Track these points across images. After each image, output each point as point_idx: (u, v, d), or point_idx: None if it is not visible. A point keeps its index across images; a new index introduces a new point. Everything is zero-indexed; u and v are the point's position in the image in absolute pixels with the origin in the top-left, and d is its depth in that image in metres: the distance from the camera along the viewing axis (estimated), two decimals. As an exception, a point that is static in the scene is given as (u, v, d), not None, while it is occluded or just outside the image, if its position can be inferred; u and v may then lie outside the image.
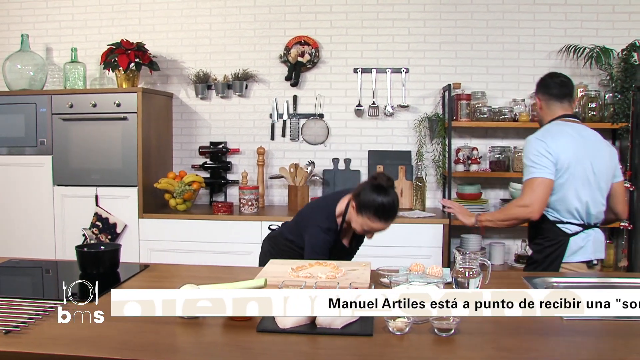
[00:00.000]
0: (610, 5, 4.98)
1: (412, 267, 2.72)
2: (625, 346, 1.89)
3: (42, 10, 5.45)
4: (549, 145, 3.02)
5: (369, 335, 1.95)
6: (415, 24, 5.12)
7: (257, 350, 1.89)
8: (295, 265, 2.69)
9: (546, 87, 3.26)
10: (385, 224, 2.94)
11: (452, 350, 1.88)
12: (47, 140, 4.87)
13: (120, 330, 2.00)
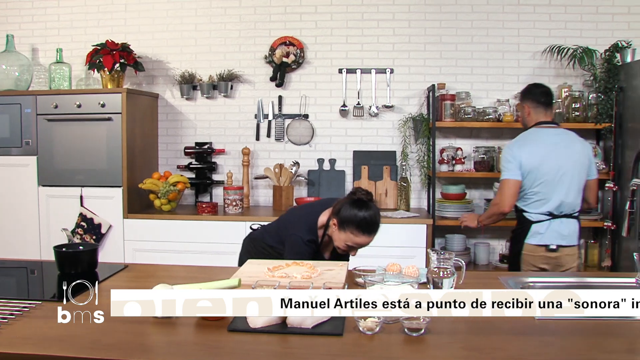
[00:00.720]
0: (594, 7, 5.01)
1: (389, 267, 2.73)
2: (594, 345, 1.92)
3: (28, 11, 5.44)
4: (515, 152, 3.62)
5: (339, 335, 1.96)
6: (400, 24, 5.13)
7: (227, 350, 1.90)
8: (271, 265, 2.69)
9: (534, 95, 3.76)
10: (369, 237, 2.95)
11: (421, 349, 1.89)
12: (32, 141, 4.86)
13: (91, 329, 2.01)
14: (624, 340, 1.95)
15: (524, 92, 3.84)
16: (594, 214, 4.87)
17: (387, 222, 4.53)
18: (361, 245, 2.95)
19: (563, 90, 4.93)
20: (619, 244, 4.75)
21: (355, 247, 2.97)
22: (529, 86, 3.86)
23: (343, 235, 2.93)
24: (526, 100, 3.79)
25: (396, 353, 1.87)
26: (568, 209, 3.64)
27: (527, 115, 3.78)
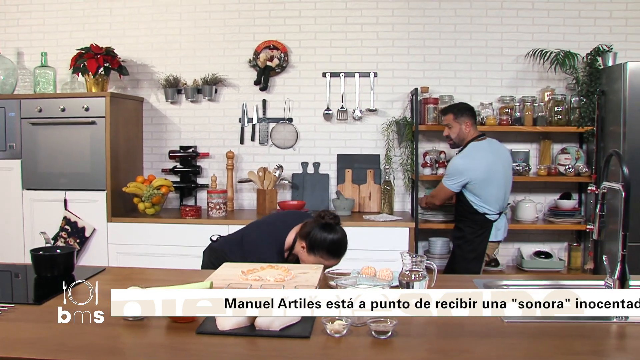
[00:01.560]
0: (576, 11, 5.05)
1: (363, 270, 2.74)
2: (560, 347, 1.92)
3: (13, 15, 5.45)
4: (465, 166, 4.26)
5: (307, 337, 1.97)
6: (383, 28, 5.16)
7: (193, 352, 1.90)
8: (246, 269, 2.71)
9: (472, 112, 4.42)
10: (338, 259, 2.99)
11: (387, 352, 1.90)
12: (16, 145, 4.87)
13: (59, 331, 2.02)
14: (591, 342, 1.96)
15: (461, 109, 4.39)
16: (576, 217, 4.89)
17: (370, 226, 4.59)
18: (330, 267, 2.95)
19: (546, 94, 4.96)
20: (602, 247, 4.77)
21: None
22: (464, 104, 4.49)
23: (312, 258, 2.96)
24: (465, 117, 4.35)
25: (362, 355, 1.89)
26: (504, 206, 4.44)
27: (466, 131, 4.35)
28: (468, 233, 4.31)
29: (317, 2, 5.18)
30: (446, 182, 4.31)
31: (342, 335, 1.98)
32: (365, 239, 4.48)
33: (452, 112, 4.38)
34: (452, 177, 4.28)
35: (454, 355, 1.88)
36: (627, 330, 2.08)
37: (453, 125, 4.36)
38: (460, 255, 4.34)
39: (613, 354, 1.91)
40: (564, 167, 4.90)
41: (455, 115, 4.35)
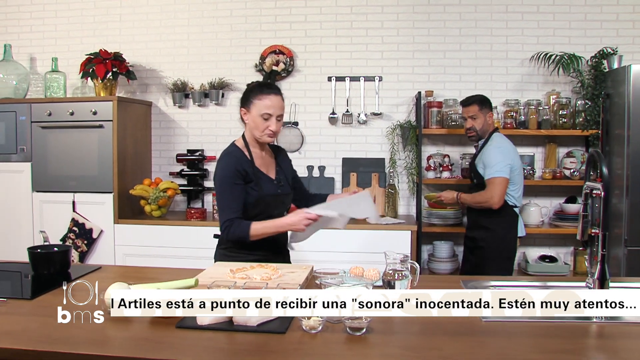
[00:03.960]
0: (582, 14, 5.03)
1: (352, 269, 2.77)
2: (533, 346, 1.92)
3: (27, 21, 5.58)
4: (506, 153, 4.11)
5: (282, 333, 2.00)
6: (388, 32, 5.19)
7: (170, 345, 1.92)
8: (235, 267, 2.75)
9: (491, 104, 4.32)
10: (275, 96, 2.94)
11: (359, 347, 1.92)
12: (26, 148, 4.98)
13: (46, 324, 2.09)
14: (564, 341, 1.95)
15: (484, 100, 4.29)
16: (582, 221, 4.85)
17: (373, 229, 4.60)
18: (272, 108, 2.91)
19: (551, 97, 4.94)
20: (607, 251, 4.73)
21: (271, 115, 2.92)
22: (484, 96, 4.34)
23: (254, 111, 2.93)
24: (488, 108, 4.28)
25: (335, 351, 1.90)
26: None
27: (489, 122, 4.28)
28: (500, 230, 4.16)
29: (322, 7, 5.23)
30: (498, 173, 4.02)
31: (318, 331, 2.01)
32: (368, 241, 4.51)
33: (476, 103, 4.26)
34: (500, 165, 4.04)
35: (423, 352, 1.89)
36: (605, 330, 2.06)
37: (478, 117, 4.25)
38: (492, 256, 4.14)
39: (584, 353, 1.90)
40: (569, 171, 4.88)
41: (480, 106, 4.24)
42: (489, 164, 4.07)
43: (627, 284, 2.80)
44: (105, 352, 1.88)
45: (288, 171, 3.21)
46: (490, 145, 4.16)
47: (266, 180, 3.04)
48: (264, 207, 3.00)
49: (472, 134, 4.30)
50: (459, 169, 5.05)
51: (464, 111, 4.32)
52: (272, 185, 3.06)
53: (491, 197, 4.03)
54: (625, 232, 4.43)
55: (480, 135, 4.27)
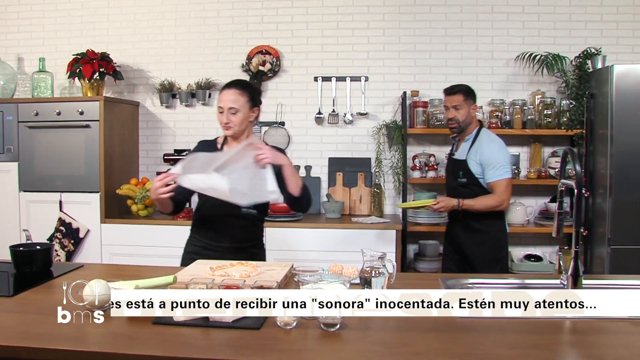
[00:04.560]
0: (567, 14, 5.06)
1: (331, 267, 2.79)
2: (502, 342, 1.94)
3: (14, 22, 5.59)
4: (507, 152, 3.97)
5: (257, 329, 2.02)
6: (374, 32, 5.21)
7: (148, 341, 1.94)
8: (215, 265, 2.77)
9: (475, 96, 4.07)
10: (228, 90, 3.11)
11: (332, 343, 1.94)
12: (13, 148, 4.99)
13: (23, 320, 2.14)
14: (536, 337, 1.97)
15: (470, 91, 4.04)
16: (567, 220, 4.88)
17: (357, 228, 4.63)
18: (223, 102, 3.09)
19: (536, 97, 4.97)
20: (592, 249, 4.78)
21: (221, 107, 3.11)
22: (470, 88, 4.08)
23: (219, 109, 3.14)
24: (473, 99, 4.04)
25: (309, 346, 1.93)
26: None
27: (472, 115, 4.03)
28: (495, 231, 3.97)
29: (309, 7, 5.25)
30: (507, 174, 3.85)
31: (292, 327, 2.03)
32: (352, 241, 4.53)
33: (461, 92, 3.99)
34: (507, 165, 3.87)
35: (396, 348, 1.91)
36: (578, 326, 2.08)
37: (462, 107, 3.96)
38: (491, 258, 3.94)
39: (554, 348, 1.92)
40: (554, 170, 4.91)
41: (465, 96, 3.97)
42: (494, 164, 3.84)
43: (602, 282, 2.82)
44: (82, 348, 1.89)
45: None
46: (489, 143, 3.92)
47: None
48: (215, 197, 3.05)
49: (454, 125, 4.02)
50: (444, 169, 5.04)
51: (448, 100, 4.05)
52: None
53: (504, 200, 3.86)
54: (609, 231, 4.46)
55: (462, 127, 4.00)
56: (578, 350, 1.95)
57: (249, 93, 3.13)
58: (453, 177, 4.09)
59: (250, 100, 3.13)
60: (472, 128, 4.02)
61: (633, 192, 4.42)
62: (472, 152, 3.94)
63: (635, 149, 4.41)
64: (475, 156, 3.90)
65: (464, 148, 4.02)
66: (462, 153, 4.01)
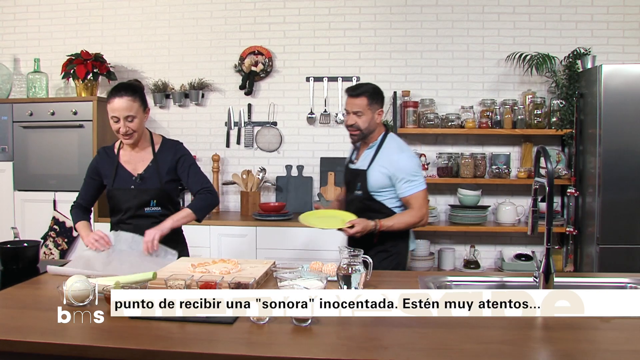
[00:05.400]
0: (558, 14, 5.08)
1: (312, 265, 2.83)
2: (471, 337, 1.97)
3: (10, 22, 5.64)
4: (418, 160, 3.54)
5: (230, 323, 2.06)
6: (366, 33, 5.24)
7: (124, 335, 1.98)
8: (197, 262, 2.82)
9: (383, 98, 3.51)
10: (119, 99, 3.07)
11: (302, 337, 1.98)
12: (8, 147, 5.05)
13: (4, 315, 2.21)
14: (504, 332, 2.00)
15: (377, 94, 3.44)
16: (557, 220, 4.91)
17: (348, 227, 4.64)
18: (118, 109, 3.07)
19: (527, 97, 4.99)
20: (581, 249, 4.80)
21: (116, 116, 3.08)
22: (377, 87, 3.51)
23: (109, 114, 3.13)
24: (380, 103, 3.45)
25: (280, 340, 1.97)
26: None
27: (377, 121, 3.43)
28: (402, 248, 3.47)
29: (301, 8, 5.29)
30: (422, 185, 3.36)
31: (265, 322, 2.06)
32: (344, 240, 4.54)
33: (365, 95, 3.37)
34: (421, 176, 3.40)
35: (363, 342, 1.95)
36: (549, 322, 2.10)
37: (365, 113, 3.36)
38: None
39: (519, 342, 1.94)
40: (544, 170, 4.91)
41: (369, 100, 3.36)
42: (407, 177, 3.32)
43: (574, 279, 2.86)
44: (59, 340, 1.94)
45: (165, 169, 3.26)
46: (400, 153, 3.40)
47: (123, 176, 3.25)
48: (116, 200, 3.28)
49: (355, 132, 3.42)
50: (434, 168, 5.09)
51: (349, 103, 3.41)
52: (126, 181, 3.24)
53: (424, 215, 3.37)
54: (598, 230, 4.48)
55: (365, 134, 3.42)
56: (544, 345, 1.97)
57: (140, 97, 3.17)
58: (348, 189, 3.57)
59: (142, 103, 3.18)
60: (376, 134, 3.44)
61: (621, 192, 4.44)
62: (376, 162, 3.38)
63: (623, 149, 4.43)
64: (382, 167, 3.36)
65: (366, 156, 3.45)
66: (363, 162, 3.44)
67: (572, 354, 1.86)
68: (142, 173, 3.24)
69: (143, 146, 3.27)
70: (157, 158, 3.26)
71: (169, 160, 3.26)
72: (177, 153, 3.31)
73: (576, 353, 1.86)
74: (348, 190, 3.56)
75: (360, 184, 3.40)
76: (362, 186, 3.39)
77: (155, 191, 3.23)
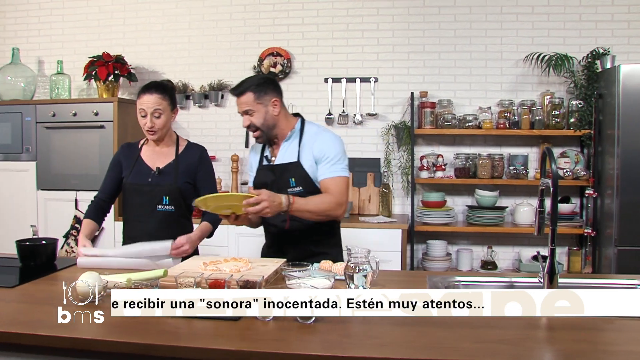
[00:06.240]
0: (577, 14, 5.04)
1: (322, 264, 2.85)
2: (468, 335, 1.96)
3: (35, 25, 5.77)
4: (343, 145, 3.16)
5: (236, 319, 2.09)
6: (384, 34, 5.26)
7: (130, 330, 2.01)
8: (208, 260, 2.86)
9: (275, 85, 3.16)
10: (150, 95, 3.16)
11: (303, 335, 2.00)
12: (31, 147, 5.16)
13: (16, 309, 2.27)
14: (503, 332, 1.98)
15: (264, 86, 3.08)
16: (575, 221, 4.88)
17: (364, 227, 4.68)
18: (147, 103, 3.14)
19: (545, 98, 4.96)
20: (599, 250, 4.76)
21: (143, 109, 3.16)
22: (265, 78, 3.27)
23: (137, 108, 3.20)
24: (271, 93, 3.08)
25: (282, 337, 1.98)
26: None
27: (275, 113, 3.07)
28: (338, 255, 3.21)
29: (319, 9, 5.32)
30: (342, 172, 3.04)
31: (270, 319, 2.09)
32: (359, 240, 4.55)
33: (250, 90, 3.04)
34: (343, 159, 3.08)
35: (362, 340, 1.97)
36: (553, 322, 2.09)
37: (256, 109, 3.04)
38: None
39: (518, 342, 1.93)
40: (562, 171, 4.90)
41: (256, 95, 3.03)
42: (329, 158, 3.02)
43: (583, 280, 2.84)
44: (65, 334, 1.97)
45: (185, 170, 3.29)
46: (324, 133, 3.15)
47: (140, 170, 3.28)
48: (129, 194, 3.30)
49: (256, 134, 3.10)
50: (452, 169, 5.08)
51: (237, 104, 3.13)
52: (143, 175, 3.27)
53: (341, 203, 3.01)
54: (616, 232, 4.44)
55: (267, 131, 3.09)
56: (542, 345, 1.96)
57: (169, 96, 3.24)
58: (278, 189, 2.98)
59: (171, 102, 3.24)
60: (287, 125, 3.15)
61: (639, 193, 4.40)
62: (305, 151, 3.08)
63: (641, 150, 4.39)
64: (309, 153, 3.06)
65: (288, 149, 3.13)
66: (288, 155, 3.12)
67: (569, 354, 1.85)
68: (161, 168, 3.27)
69: (167, 144, 3.32)
70: (179, 158, 3.30)
71: (190, 163, 3.30)
72: (201, 159, 3.34)
73: (574, 353, 1.85)
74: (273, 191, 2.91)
75: (295, 178, 3.05)
76: (299, 180, 3.04)
77: (170, 188, 3.24)
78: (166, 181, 3.25)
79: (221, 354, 1.87)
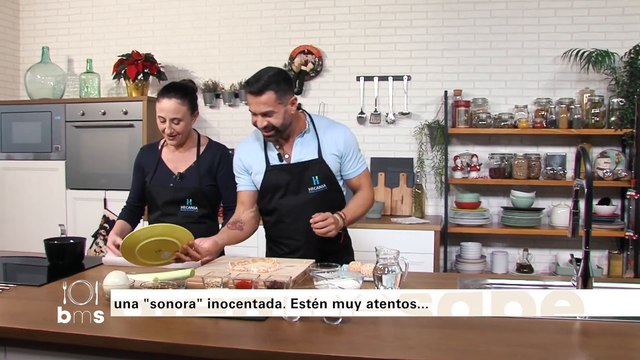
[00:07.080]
0: (620, 8, 4.86)
1: (351, 265, 2.77)
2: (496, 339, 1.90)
3: (64, 24, 5.78)
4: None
5: (263, 320, 2.04)
6: (417, 31, 5.14)
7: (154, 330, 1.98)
8: (237, 261, 2.79)
9: (291, 82, 2.93)
10: (168, 100, 3.06)
11: (330, 336, 1.95)
12: (61, 146, 5.16)
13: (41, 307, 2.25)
14: (533, 336, 1.90)
15: (283, 83, 2.80)
16: (616, 224, 4.71)
17: (396, 228, 4.58)
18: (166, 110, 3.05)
19: (584, 95, 4.79)
20: (642, 254, 4.58)
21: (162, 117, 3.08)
22: (281, 73, 2.87)
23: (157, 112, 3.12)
24: (291, 92, 2.85)
25: (308, 338, 1.93)
26: None
27: (293, 112, 2.85)
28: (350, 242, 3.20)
29: (351, 6, 5.23)
30: (365, 162, 3.06)
31: (297, 320, 2.03)
32: (391, 241, 4.45)
33: (271, 90, 2.75)
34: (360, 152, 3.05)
35: (390, 342, 1.92)
36: (588, 328, 2.01)
37: (277, 110, 2.77)
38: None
39: (549, 347, 1.84)
40: (602, 172, 4.73)
41: (278, 95, 2.75)
42: (353, 152, 2.97)
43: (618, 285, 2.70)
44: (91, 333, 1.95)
45: (205, 171, 3.23)
46: (340, 128, 3.00)
47: (163, 173, 3.24)
48: (152, 196, 3.28)
49: (269, 134, 2.84)
50: (487, 169, 4.94)
51: (253, 104, 2.83)
52: (165, 178, 3.23)
53: (374, 198, 3.11)
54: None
55: (282, 130, 2.84)
56: (575, 351, 1.89)
57: (189, 99, 3.15)
58: (297, 189, 2.92)
59: (191, 107, 3.16)
60: (298, 121, 2.94)
61: (685, 194, 4.22)
62: (327, 147, 2.93)
63: (687, 149, 4.21)
64: (332, 149, 2.93)
65: (305, 146, 2.94)
66: (306, 152, 2.93)
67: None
68: (183, 172, 3.22)
69: (188, 146, 3.26)
70: (199, 159, 3.23)
71: (209, 162, 3.23)
72: (220, 158, 3.27)
73: (607, 360, 1.77)
74: (290, 192, 2.93)
75: (319, 176, 2.90)
76: (323, 177, 2.91)
77: (193, 190, 3.19)
78: (188, 184, 3.21)
79: (247, 354, 1.84)
